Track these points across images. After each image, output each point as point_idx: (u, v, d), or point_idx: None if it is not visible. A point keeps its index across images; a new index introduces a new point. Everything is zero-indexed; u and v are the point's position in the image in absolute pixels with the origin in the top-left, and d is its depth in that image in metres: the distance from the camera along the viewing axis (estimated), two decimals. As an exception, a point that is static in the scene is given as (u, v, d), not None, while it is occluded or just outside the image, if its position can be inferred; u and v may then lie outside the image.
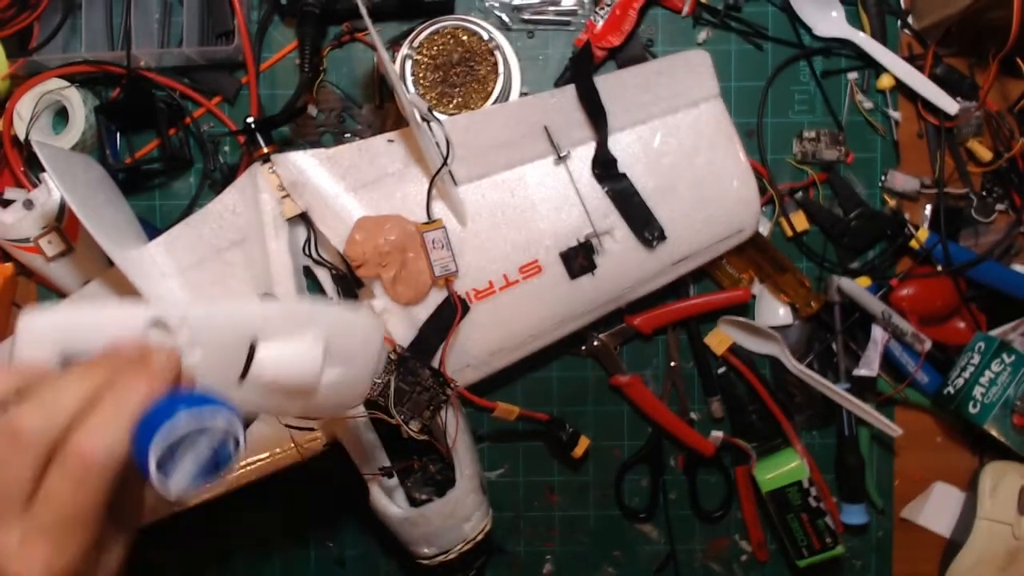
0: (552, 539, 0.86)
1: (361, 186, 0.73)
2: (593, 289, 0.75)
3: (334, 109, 0.82)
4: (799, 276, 0.81)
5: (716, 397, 0.84)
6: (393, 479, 0.74)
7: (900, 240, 0.81)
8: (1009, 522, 0.78)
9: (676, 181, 0.75)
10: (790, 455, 0.81)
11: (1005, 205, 0.82)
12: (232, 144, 0.83)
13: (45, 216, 0.76)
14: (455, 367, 0.74)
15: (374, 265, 0.71)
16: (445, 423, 0.71)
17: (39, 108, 0.78)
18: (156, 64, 0.79)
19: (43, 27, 0.79)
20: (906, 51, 0.82)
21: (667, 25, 0.82)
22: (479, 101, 0.77)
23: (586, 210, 0.74)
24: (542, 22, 0.82)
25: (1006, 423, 0.77)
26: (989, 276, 0.80)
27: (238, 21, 0.77)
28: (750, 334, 0.83)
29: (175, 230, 0.74)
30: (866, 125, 0.82)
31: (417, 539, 0.73)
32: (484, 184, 0.74)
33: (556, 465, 0.86)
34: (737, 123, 0.76)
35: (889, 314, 0.78)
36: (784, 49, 0.82)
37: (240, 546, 0.86)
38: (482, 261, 0.74)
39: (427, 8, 0.80)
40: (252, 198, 0.72)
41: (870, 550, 0.86)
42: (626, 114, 0.74)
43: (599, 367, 0.84)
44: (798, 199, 0.83)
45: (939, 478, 0.84)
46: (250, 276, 0.74)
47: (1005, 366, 0.77)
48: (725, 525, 0.86)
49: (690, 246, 0.75)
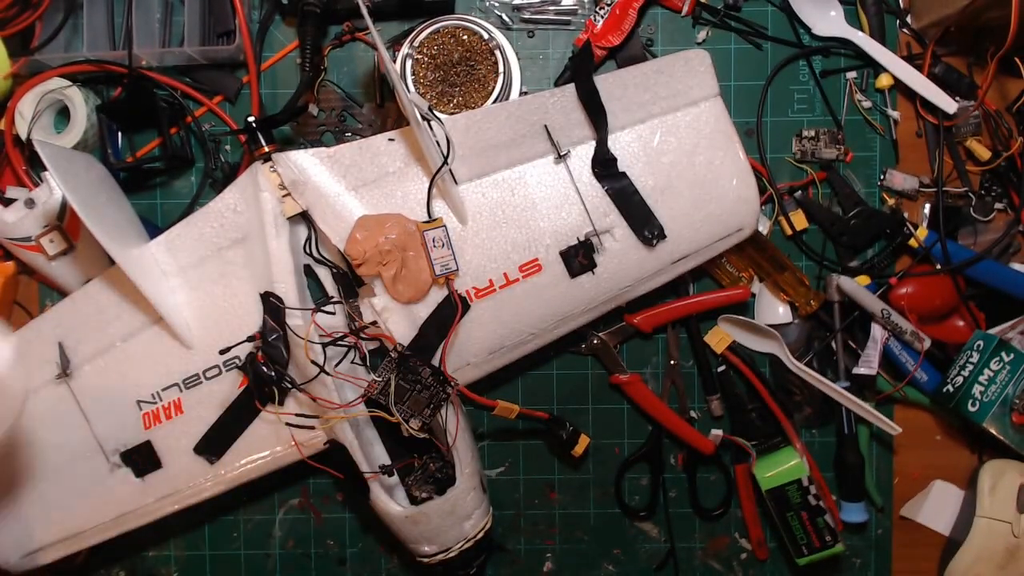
0: (552, 537, 0.86)
1: (362, 185, 0.74)
2: (593, 287, 0.75)
3: (335, 108, 0.82)
4: (798, 275, 0.81)
5: (716, 395, 0.84)
6: (393, 477, 0.74)
7: (899, 239, 0.81)
8: (1008, 520, 0.78)
9: (676, 180, 0.75)
10: (790, 453, 0.81)
11: (1004, 204, 0.82)
12: (233, 143, 0.83)
13: (47, 215, 0.76)
14: (455, 365, 0.75)
15: (375, 263, 0.71)
16: (445, 421, 0.72)
17: (41, 107, 0.78)
18: (157, 63, 0.80)
19: (45, 26, 0.79)
20: (905, 50, 0.82)
21: (667, 25, 0.83)
22: (479, 100, 0.77)
23: (586, 209, 0.74)
24: (542, 22, 0.82)
25: (1005, 421, 0.78)
26: (988, 275, 0.80)
27: (239, 20, 0.78)
28: (750, 332, 0.83)
29: (176, 229, 0.75)
30: (865, 124, 0.83)
31: (417, 537, 0.73)
32: (484, 183, 0.74)
33: (556, 463, 0.86)
34: (736, 122, 0.76)
35: (888, 312, 0.79)
36: (783, 48, 0.82)
37: (240, 545, 0.86)
38: (482, 260, 0.74)
39: (427, 8, 0.80)
40: (253, 197, 0.73)
41: (869, 548, 0.86)
42: (626, 113, 0.75)
43: (599, 365, 0.84)
44: (797, 198, 0.83)
45: (938, 476, 0.84)
46: (251, 274, 0.74)
47: (1004, 364, 0.77)
48: (725, 523, 0.86)
49: (690, 245, 0.75)
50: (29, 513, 0.77)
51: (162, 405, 0.75)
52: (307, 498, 0.86)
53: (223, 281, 0.74)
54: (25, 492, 0.77)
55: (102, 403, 0.75)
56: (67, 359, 0.75)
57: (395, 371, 0.70)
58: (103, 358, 0.75)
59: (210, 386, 0.75)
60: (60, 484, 0.76)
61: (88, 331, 0.75)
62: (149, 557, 0.86)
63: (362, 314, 0.75)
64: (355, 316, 0.74)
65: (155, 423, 0.75)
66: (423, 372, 0.70)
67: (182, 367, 0.75)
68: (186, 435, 0.75)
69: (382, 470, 0.73)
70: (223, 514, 0.85)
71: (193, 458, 0.75)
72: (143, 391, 0.75)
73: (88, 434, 0.76)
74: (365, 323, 0.74)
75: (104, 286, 0.75)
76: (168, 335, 0.74)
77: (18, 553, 0.77)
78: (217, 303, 0.74)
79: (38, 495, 0.77)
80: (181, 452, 0.75)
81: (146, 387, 0.75)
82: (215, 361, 0.74)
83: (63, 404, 0.76)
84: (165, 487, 0.76)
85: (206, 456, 0.75)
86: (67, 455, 0.76)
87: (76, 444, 0.76)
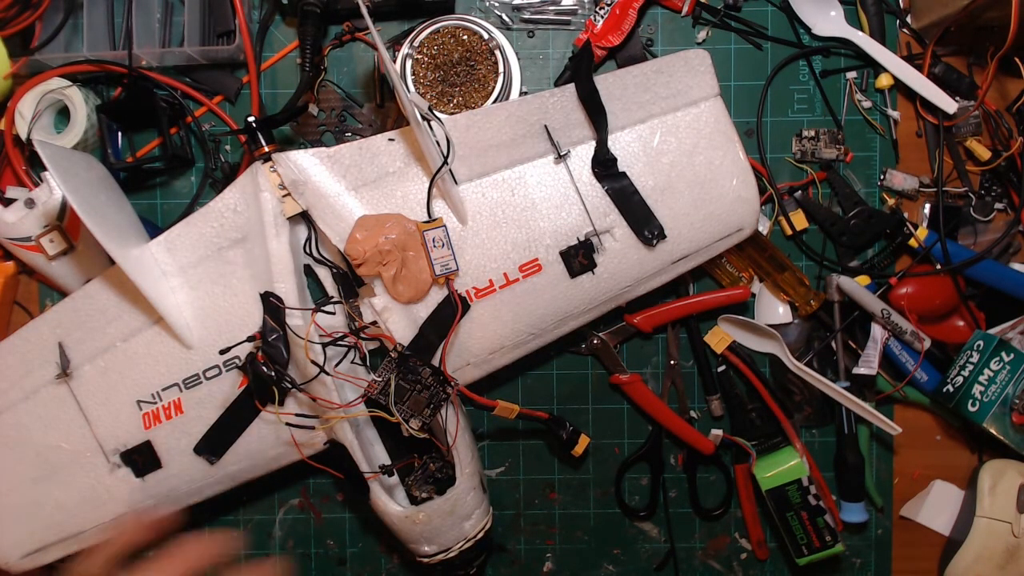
0: (552, 537, 0.86)
1: (362, 185, 0.74)
2: (593, 287, 0.75)
3: (335, 108, 0.82)
4: (798, 274, 0.81)
5: (716, 395, 0.84)
6: (393, 477, 0.75)
7: (899, 239, 0.81)
8: (1008, 520, 0.78)
9: (676, 180, 0.75)
10: (790, 453, 0.81)
11: (1004, 204, 0.82)
12: (233, 143, 0.83)
13: (47, 215, 0.76)
14: (455, 365, 0.75)
15: (375, 263, 0.71)
16: (445, 421, 0.72)
17: (41, 107, 0.78)
18: (157, 63, 0.80)
19: (45, 26, 0.79)
20: (905, 50, 0.82)
21: (667, 24, 0.83)
22: (479, 100, 0.77)
23: (586, 209, 0.74)
24: (542, 22, 0.82)
25: (1005, 421, 0.78)
26: (988, 275, 0.80)
27: (239, 20, 0.78)
28: (750, 332, 0.83)
29: (176, 229, 0.75)
30: (865, 124, 0.83)
31: (417, 537, 0.73)
32: (484, 183, 0.74)
33: (556, 463, 0.86)
34: (736, 122, 0.76)
35: (888, 312, 0.79)
36: (783, 48, 0.82)
37: (240, 545, 0.86)
38: (482, 260, 0.74)
39: (427, 8, 0.80)
40: (253, 197, 0.73)
41: (869, 548, 0.86)
42: (626, 113, 0.75)
43: (599, 365, 0.84)
44: (797, 198, 0.83)
45: (938, 476, 0.84)
46: (251, 275, 0.74)
47: (1004, 364, 0.77)
48: (725, 523, 0.86)
49: (690, 245, 0.75)
50: (29, 513, 0.77)
51: (162, 405, 0.75)
52: (307, 498, 0.86)
53: (223, 281, 0.74)
54: (25, 492, 0.77)
55: (102, 403, 0.75)
56: (67, 359, 0.75)
57: (395, 371, 0.70)
58: (103, 358, 0.75)
59: (210, 386, 0.75)
60: (60, 484, 0.76)
61: (88, 331, 0.75)
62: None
63: (362, 314, 0.75)
64: (355, 316, 0.74)
65: (155, 423, 0.75)
66: (423, 372, 0.70)
67: (182, 367, 0.75)
68: (186, 435, 0.75)
69: (382, 470, 0.73)
70: (223, 514, 0.85)
71: (193, 458, 0.75)
72: (143, 391, 0.75)
73: (88, 434, 0.76)
74: (365, 323, 0.74)
75: (104, 286, 0.75)
76: (168, 335, 0.74)
77: (18, 553, 0.77)
78: (217, 303, 0.74)
79: (38, 495, 0.77)
80: (181, 452, 0.75)
81: (146, 387, 0.75)
82: (215, 361, 0.74)
83: (63, 404, 0.76)
84: (165, 487, 0.76)
85: (206, 456, 0.75)
86: (67, 455, 0.76)
87: (76, 444, 0.76)
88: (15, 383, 0.76)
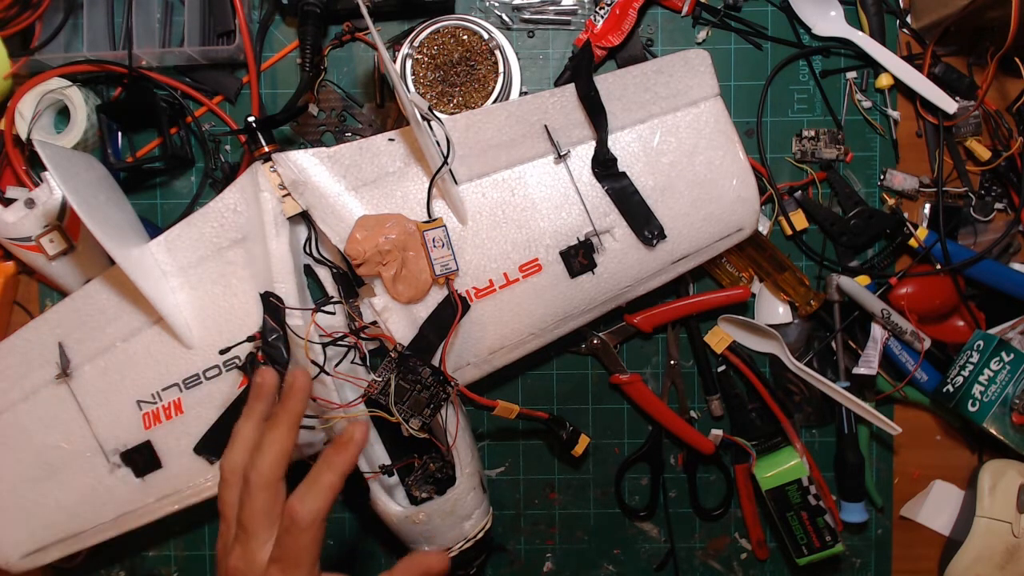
0: (552, 537, 0.86)
1: (362, 185, 0.74)
2: (593, 287, 0.75)
3: (335, 108, 0.82)
4: (798, 274, 0.81)
5: (716, 395, 0.84)
6: (393, 477, 0.75)
7: (899, 239, 0.81)
8: (1008, 520, 0.78)
9: (676, 180, 0.75)
10: (790, 453, 0.81)
11: (1004, 204, 0.82)
12: (233, 143, 0.83)
13: (47, 215, 0.76)
14: (455, 365, 0.75)
15: (375, 263, 0.71)
16: (445, 421, 0.72)
17: (41, 107, 0.78)
18: (157, 63, 0.80)
19: (45, 26, 0.79)
20: (905, 50, 0.82)
21: (667, 24, 0.83)
22: (479, 100, 0.77)
23: (586, 209, 0.74)
24: (542, 22, 0.82)
25: (1005, 421, 0.78)
26: (988, 275, 0.80)
27: (239, 20, 0.78)
28: (750, 332, 0.83)
29: (176, 229, 0.75)
30: (865, 124, 0.83)
31: (417, 537, 0.73)
32: (484, 183, 0.74)
33: (556, 463, 0.86)
34: (736, 122, 0.76)
35: (888, 312, 0.79)
36: (783, 48, 0.82)
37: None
38: (482, 260, 0.74)
39: (427, 7, 0.80)
40: (253, 197, 0.73)
41: (869, 548, 0.86)
42: (626, 113, 0.75)
43: (599, 365, 0.84)
44: (797, 198, 0.83)
45: (938, 476, 0.84)
46: (251, 274, 0.74)
47: (1004, 364, 0.77)
48: (725, 523, 0.86)
49: (690, 245, 0.75)
50: (29, 513, 0.77)
51: (162, 405, 0.75)
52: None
53: (223, 281, 0.74)
54: (25, 492, 0.77)
55: (102, 403, 0.75)
56: (67, 359, 0.75)
57: (395, 371, 0.70)
58: (103, 358, 0.75)
59: (210, 386, 0.75)
60: (60, 484, 0.76)
61: (88, 331, 0.75)
62: (149, 557, 0.86)
63: (362, 314, 0.75)
64: (355, 316, 0.74)
65: (155, 423, 0.75)
66: (423, 372, 0.70)
67: (182, 367, 0.75)
68: (186, 435, 0.75)
69: (382, 470, 0.73)
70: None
71: (193, 458, 0.75)
72: (143, 391, 0.75)
73: (88, 434, 0.76)
74: (365, 323, 0.74)
75: (104, 286, 0.75)
76: (168, 335, 0.74)
77: (18, 553, 0.77)
78: (217, 303, 0.74)
79: (38, 495, 0.77)
80: (181, 452, 0.75)
81: (146, 387, 0.75)
82: (215, 361, 0.74)
83: (63, 404, 0.76)
84: (165, 487, 0.76)
85: (206, 456, 0.75)
86: (67, 455, 0.76)
87: (76, 444, 0.76)
88: (15, 383, 0.76)
